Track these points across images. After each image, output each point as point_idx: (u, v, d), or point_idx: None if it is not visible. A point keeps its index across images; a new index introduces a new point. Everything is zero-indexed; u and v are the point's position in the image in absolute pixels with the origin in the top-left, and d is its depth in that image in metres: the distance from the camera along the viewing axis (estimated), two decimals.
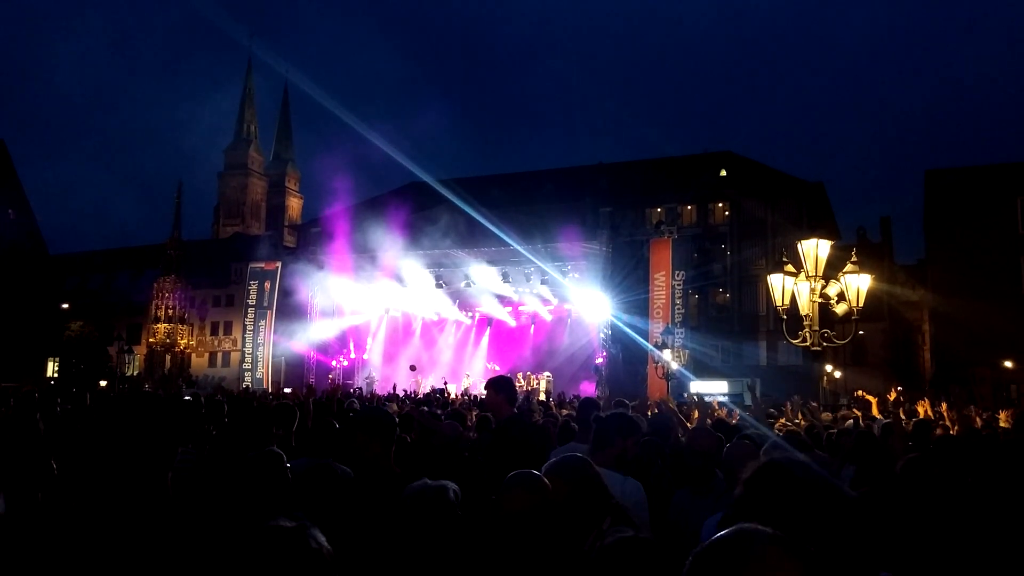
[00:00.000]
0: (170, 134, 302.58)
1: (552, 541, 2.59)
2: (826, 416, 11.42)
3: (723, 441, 5.41)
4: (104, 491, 2.67)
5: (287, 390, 21.33)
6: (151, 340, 51.98)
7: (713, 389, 28.43)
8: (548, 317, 34.69)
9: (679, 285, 27.86)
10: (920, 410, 10.22)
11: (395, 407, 10.47)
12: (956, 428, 7.94)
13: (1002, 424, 10.29)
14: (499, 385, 5.40)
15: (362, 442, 4.04)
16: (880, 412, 10.96)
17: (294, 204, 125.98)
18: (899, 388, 25.85)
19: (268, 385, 32.96)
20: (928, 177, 44.20)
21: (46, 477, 3.02)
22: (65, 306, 49.59)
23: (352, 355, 35.37)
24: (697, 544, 1.37)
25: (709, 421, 7.86)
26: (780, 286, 9.00)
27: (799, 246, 9.18)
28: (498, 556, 2.60)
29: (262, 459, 3.38)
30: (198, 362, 55.95)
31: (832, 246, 9.18)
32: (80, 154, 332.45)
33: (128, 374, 46.04)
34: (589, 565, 2.03)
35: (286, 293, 35.15)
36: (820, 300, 8.94)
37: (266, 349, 35.64)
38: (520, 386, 30.35)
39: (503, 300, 33.54)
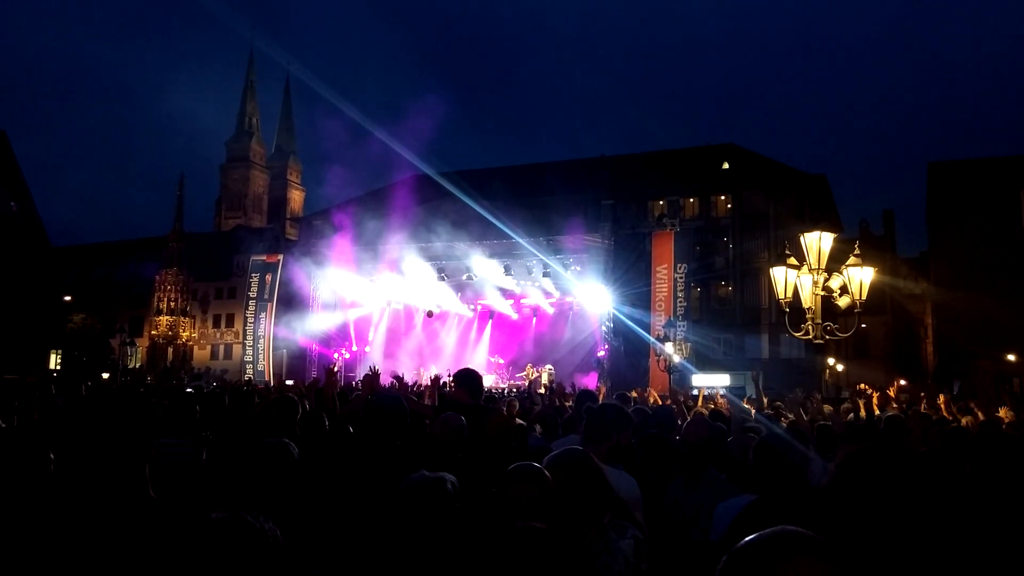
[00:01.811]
0: (172, 126, 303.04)
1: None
2: (827, 408, 11.40)
3: (722, 432, 5.39)
4: (82, 484, 2.66)
5: (289, 382, 21.33)
6: (153, 332, 52.09)
7: (715, 382, 28.42)
8: (550, 310, 34.69)
9: (681, 278, 27.84)
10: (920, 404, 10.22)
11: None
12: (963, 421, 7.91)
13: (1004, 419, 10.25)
14: (461, 378, 5.54)
15: (376, 431, 4.03)
16: (879, 406, 10.94)
17: (296, 196, 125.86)
18: (902, 382, 25.82)
19: (270, 378, 33.04)
20: (931, 170, 44.08)
21: (44, 471, 3.00)
22: (67, 298, 49.62)
23: (354, 347, 35.41)
24: (688, 534, 1.38)
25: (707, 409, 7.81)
26: (782, 279, 8.98)
27: (801, 239, 9.16)
28: (497, 548, 2.59)
29: (273, 449, 3.37)
30: (200, 355, 56.02)
31: (834, 239, 9.16)
32: (82, 146, 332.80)
33: (130, 366, 46.11)
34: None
35: (288, 286, 35.20)
36: (822, 293, 8.92)
37: (267, 342, 35.73)
38: (523, 376, 30.47)
39: (505, 293, 33.54)
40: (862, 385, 18.30)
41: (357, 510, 3.35)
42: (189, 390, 9.49)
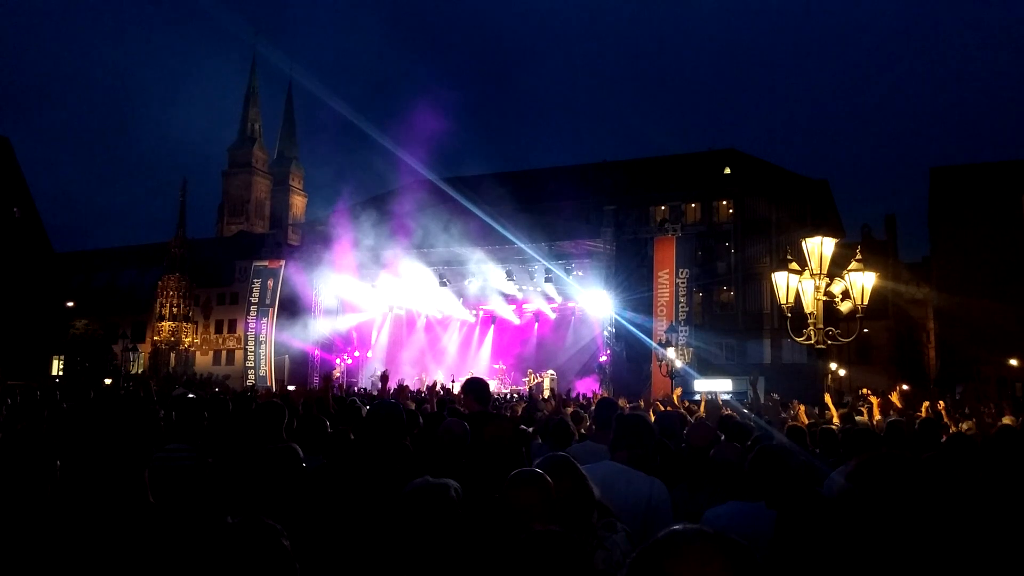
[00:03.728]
0: (175, 132, 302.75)
1: None
2: (830, 413, 11.40)
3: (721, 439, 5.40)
4: (83, 490, 2.68)
5: (291, 388, 21.37)
6: (156, 338, 52.11)
7: (718, 387, 28.40)
8: (552, 315, 34.71)
9: (683, 283, 27.84)
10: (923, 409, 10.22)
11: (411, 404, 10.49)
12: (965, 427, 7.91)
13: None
14: (467, 387, 5.86)
15: (375, 436, 4.04)
16: (882, 411, 10.94)
17: (298, 202, 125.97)
18: (904, 387, 25.79)
19: (272, 383, 33.04)
20: (933, 174, 44.10)
21: (50, 477, 3.02)
22: (70, 304, 49.68)
23: (356, 353, 35.43)
24: None
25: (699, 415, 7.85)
26: (784, 284, 8.99)
27: (803, 244, 9.17)
28: (500, 553, 2.61)
29: (279, 454, 3.39)
30: (202, 360, 56.03)
31: (836, 244, 9.17)
32: (85, 152, 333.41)
33: (133, 372, 46.11)
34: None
35: (290, 291, 35.24)
36: (824, 298, 8.93)
37: (269, 347, 35.76)
38: (525, 381, 30.47)
39: (507, 298, 33.57)
40: (864, 390, 18.31)
41: (360, 516, 3.37)
42: (191, 396, 9.49)
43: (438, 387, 18.41)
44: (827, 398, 9.98)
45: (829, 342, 9.10)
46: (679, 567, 1.28)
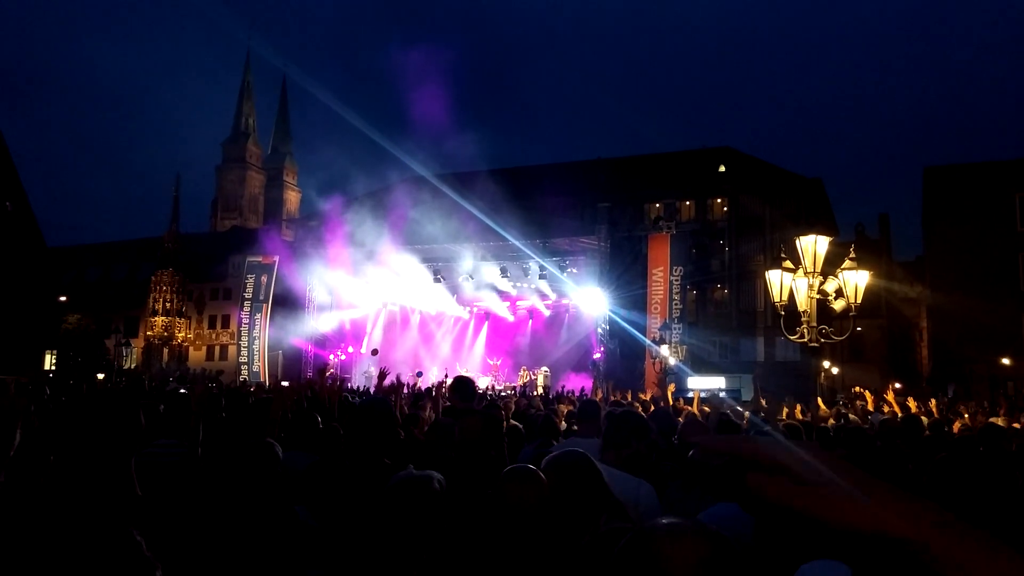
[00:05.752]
0: (168, 127, 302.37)
1: (549, 535, 2.58)
2: (823, 411, 11.43)
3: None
4: (72, 482, 2.66)
5: (285, 383, 21.34)
6: (149, 333, 52.03)
7: (711, 384, 28.42)
8: (546, 312, 34.70)
9: (677, 281, 27.87)
10: (912, 406, 10.26)
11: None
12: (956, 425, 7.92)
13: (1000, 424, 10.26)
14: (453, 385, 6.10)
15: (361, 433, 4.02)
16: (875, 407, 10.97)
17: (292, 198, 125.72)
18: (897, 385, 25.85)
19: (265, 379, 32.98)
20: (927, 174, 44.17)
21: (43, 471, 2.99)
22: (62, 299, 49.44)
23: (350, 349, 35.37)
24: None
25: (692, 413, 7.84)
26: (778, 282, 8.99)
27: (797, 242, 9.16)
28: (492, 549, 2.59)
29: (255, 449, 3.36)
30: (196, 355, 55.89)
31: (830, 242, 9.17)
32: (78, 146, 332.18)
33: (126, 367, 45.99)
34: (583, 554, 2.05)
35: (283, 287, 35.16)
36: (818, 296, 8.93)
37: (262, 343, 35.69)
38: (520, 379, 30.50)
39: (501, 295, 33.54)
40: (857, 388, 18.37)
41: (349, 509, 3.36)
42: (183, 391, 9.45)
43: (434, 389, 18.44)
44: (819, 401, 10.04)
45: (822, 340, 9.10)
46: (667, 550, 1.32)
